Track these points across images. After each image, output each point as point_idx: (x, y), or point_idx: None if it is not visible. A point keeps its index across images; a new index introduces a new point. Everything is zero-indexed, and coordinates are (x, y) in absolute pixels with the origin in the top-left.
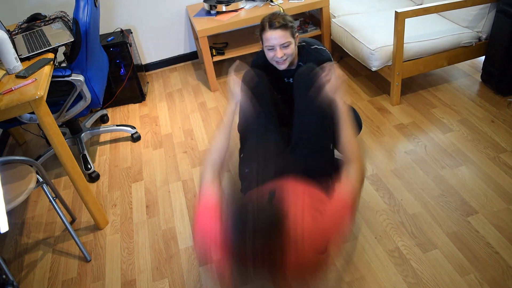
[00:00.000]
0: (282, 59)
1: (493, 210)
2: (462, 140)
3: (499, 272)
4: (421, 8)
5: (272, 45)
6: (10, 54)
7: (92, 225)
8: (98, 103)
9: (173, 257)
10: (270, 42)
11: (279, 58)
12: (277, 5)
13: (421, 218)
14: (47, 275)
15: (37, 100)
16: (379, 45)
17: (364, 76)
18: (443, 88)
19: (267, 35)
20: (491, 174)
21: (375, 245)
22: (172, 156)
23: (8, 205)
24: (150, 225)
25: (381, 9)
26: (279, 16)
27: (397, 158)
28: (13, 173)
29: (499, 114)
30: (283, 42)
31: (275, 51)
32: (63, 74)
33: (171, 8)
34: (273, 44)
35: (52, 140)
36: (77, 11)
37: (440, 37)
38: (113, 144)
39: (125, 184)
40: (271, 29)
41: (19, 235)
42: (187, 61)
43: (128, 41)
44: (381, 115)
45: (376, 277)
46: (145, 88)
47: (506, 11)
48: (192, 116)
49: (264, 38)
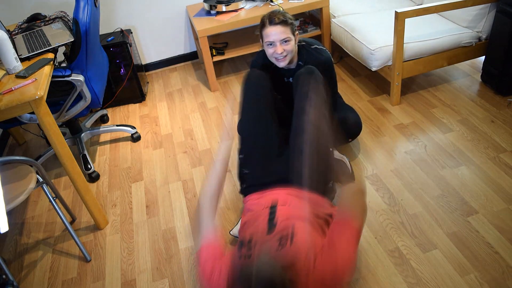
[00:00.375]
0: (282, 55)
1: (493, 210)
2: (462, 140)
3: (499, 272)
4: (421, 8)
5: (272, 40)
6: (10, 54)
7: (92, 225)
8: (98, 103)
9: (173, 257)
10: (270, 37)
11: (279, 54)
12: (277, 5)
13: (421, 218)
14: (47, 275)
15: (37, 100)
16: (379, 45)
17: (364, 76)
18: (443, 88)
19: (267, 31)
20: (491, 174)
21: (375, 245)
22: (172, 156)
23: (8, 205)
24: (150, 225)
25: (381, 9)
26: (279, 13)
27: (397, 158)
28: (13, 173)
29: (499, 114)
30: (283, 38)
31: (275, 47)
32: (63, 74)
33: (171, 8)
34: (273, 39)
35: (52, 140)
36: (77, 11)
37: (440, 37)
38: (113, 144)
39: (125, 184)
40: (271, 25)
41: (19, 235)
42: (187, 61)
43: (128, 41)
44: (381, 115)
45: (376, 277)
46: (145, 88)
47: (506, 11)
48: (192, 116)
49: (264, 34)
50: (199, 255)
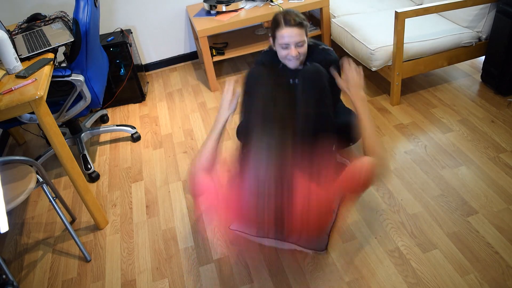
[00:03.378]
0: (296, 58)
1: (493, 210)
2: (462, 140)
3: (499, 272)
4: (421, 8)
5: (287, 42)
6: (10, 54)
7: (92, 225)
8: (98, 103)
9: (173, 257)
10: (285, 39)
11: (293, 56)
12: (277, 5)
13: (421, 218)
14: (47, 275)
15: (37, 100)
16: (379, 45)
17: (364, 76)
18: (443, 88)
19: (282, 32)
20: (491, 174)
21: (375, 245)
22: (172, 156)
23: (8, 205)
24: (150, 225)
25: (381, 9)
26: (293, 13)
27: (397, 158)
28: (13, 173)
29: (499, 114)
30: (298, 41)
31: (289, 49)
32: (63, 74)
33: (171, 8)
34: (288, 42)
35: (52, 140)
36: (77, 11)
37: (440, 37)
38: (113, 144)
39: (125, 184)
40: (287, 26)
41: (19, 235)
42: (187, 61)
43: (128, 41)
44: (381, 115)
45: (376, 277)
46: (145, 88)
47: (506, 11)
48: (192, 116)
49: (278, 35)
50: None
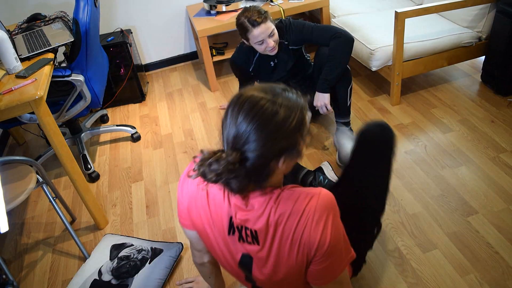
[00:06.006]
0: (274, 46)
1: (493, 210)
2: (462, 140)
3: (499, 272)
4: (421, 8)
5: (261, 39)
6: (10, 54)
7: (92, 225)
8: (98, 103)
9: None
10: (259, 38)
11: (271, 46)
12: (277, 5)
13: (421, 218)
14: (47, 275)
15: (37, 100)
16: (379, 45)
17: (364, 76)
18: (443, 88)
19: (253, 33)
20: (491, 174)
21: (375, 245)
22: (172, 156)
23: (8, 205)
24: (150, 225)
25: (381, 9)
26: (254, 11)
27: (397, 158)
28: (13, 173)
29: (499, 114)
30: (269, 33)
31: (265, 43)
32: (63, 74)
33: (171, 8)
34: (262, 38)
35: (52, 140)
36: (77, 11)
37: (440, 37)
38: (113, 144)
39: (125, 184)
40: (255, 27)
41: (19, 235)
42: (187, 61)
43: (128, 41)
44: (381, 115)
45: (376, 277)
46: (145, 88)
47: (506, 11)
48: (192, 116)
49: (251, 37)
50: None
